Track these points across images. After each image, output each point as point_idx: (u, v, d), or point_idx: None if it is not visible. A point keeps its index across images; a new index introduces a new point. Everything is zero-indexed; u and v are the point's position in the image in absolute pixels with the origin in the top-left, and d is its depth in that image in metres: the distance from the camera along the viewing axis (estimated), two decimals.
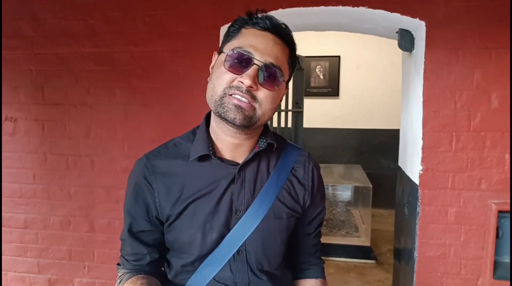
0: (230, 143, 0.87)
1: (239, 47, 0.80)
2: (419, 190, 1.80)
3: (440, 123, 1.77)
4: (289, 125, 2.60)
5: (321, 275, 1.03)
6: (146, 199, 0.87)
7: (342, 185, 4.08)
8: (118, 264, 0.93)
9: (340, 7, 1.79)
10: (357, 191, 4.05)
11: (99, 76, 2.05)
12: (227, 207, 0.86)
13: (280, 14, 1.84)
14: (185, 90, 1.98)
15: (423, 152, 1.79)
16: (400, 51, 2.14)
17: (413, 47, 1.90)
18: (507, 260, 1.80)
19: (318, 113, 5.05)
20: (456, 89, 1.75)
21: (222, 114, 0.80)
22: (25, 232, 2.21)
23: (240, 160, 0.88)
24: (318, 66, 5.11)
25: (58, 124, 2.12)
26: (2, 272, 2.26)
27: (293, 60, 0.88)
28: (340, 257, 3.68)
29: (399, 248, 2.21)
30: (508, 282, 1.74)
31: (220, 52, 0.86)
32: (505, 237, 1.79)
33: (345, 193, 4.09)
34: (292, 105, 2.62)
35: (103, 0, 2.01)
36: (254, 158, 0.89)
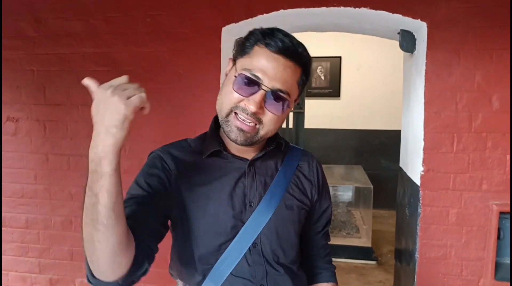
0: (239, 146, 0.90)
1: (249, 70, 0.81)
2: (420, 191, 1.80)
3: (442, 124, 1.77)
4: (290, 125, 2.60)
5: (332, 279, 1.05)
6: (160, 174, 0.87)
7: (343, 186, 4.08)
8: None
9: (342, 8, 1.79)
10: (358, 192, 4.05)
11: (100, 76, 2.02)
12: (240, 200, 0.89)
13: (281, 15, 1.84)
14: (186, 91, 1.98)
15: (424, 153, 1.79)
16: (401, 52, 2.14)
17: (415, 48, 1.90)
18: (508, 261, 1.80)
19: (319, 114, 5.05)
20: (457, 90, 1.75)
21: (226, 132, 0.86)
22: (26, 232, 2.21)
23: (249, 157, 0.92)
24: (319, 67, 5.12)
25: (60, 125, 2.12)
26: (4, 272, 2.27)
27: (304, 79, 0.88)
28: (341, 258, 3.68)
29: (400, 249, 2.21)
30: (509, 284, 1.74)
31: (234, 59, 0.88)
32: (506, 238, 1.78)
33: (346, 193, 4.09)
34: (293, 106, 2.62)
35: (104, 1, 2.01)
36: (263, 155, 0.93)
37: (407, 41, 1.89)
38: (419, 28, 1.81)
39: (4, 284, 2.27)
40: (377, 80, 5.02)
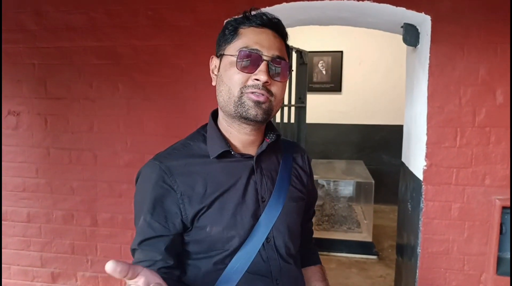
0: (243, 140, 0.91)
1: (245, 47, 0.83)
2: (423, 186, 1.80)
3: (445, 119, 1.76)
4: (292, 120, 2.59)
5: (319, 261, 1.12)
6: (166, 203, 0.84)
7: (344, 181, 4.07)
8: None
9: (345, 1, 1.78)
10: (359, 186, 4.05)
11: (101, 70, 2.04)
12: (254, 197, 0.89)
13: (284, 8, 1.82)
14: (188, 84, 1.97)
15: (427, 147, 1.78)
16: (403, 46, 2.13)
17: (418, 42, 1.89)
18: (510, 256, 1.80)
19: (320, 109, 5.04)
20: (461, 85, 1.74)
21: (244, 113, 0.84)
22: (28, 226, 2.22)
23: (252, 153, 0.92)
24: (321, 62, 5.10)
25: (61, 119, 2.11)
26: (6, 266, 2.27)
27: (288, 50, 0.93)
28: (342, 252, 3.68)
29: (402, 243, 2.20)
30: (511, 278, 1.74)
31: (219, 55, 0.89)
32: (508, 233, 1.78)
33: (347, 188, 4.09)
34: (295, 100, 2.61)
35: None
36: (265, 149, 0.93)
37: (410, 35, 1.88)
38: (423, 21, 1.80)
39: (6, 277, 2.27)
40: (379, 75, 5.00)
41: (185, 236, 0.86)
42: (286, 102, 2.45)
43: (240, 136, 0.90)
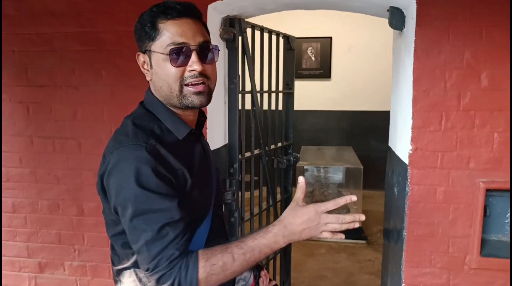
0: (190, 119, 1.01)
1: (172, 43, 0.89)
2: (408, 170, 1.81)
3: (430, 103, 1.76)
4: (280, 107, 2.58)
5: None
6: (167, 174, 0.87)
7: (333, 167, 4.10)
8: (156, 266, 0.82)
9: None
10: (348, 172, 4.07)
11: (84, 57, 2.00)
12: (213, 168, 1.07)
13: None
14: None
15: (412, 131, 1.78)
16: (391, 33, 2.12)
17: (404, 26, 1.88)
18: (494, 238, 1.83)
19: (309, 95, 5.04)
20: (446, 68, 1.73)
21: (189, 104, 0.92)
22: (13, 217, 2.19)
23: (193, 125, 1.03)
24: (310, 48, 5.07)
25: (44, 107, 2.07)
26: None
27: (206, 27, 0.98)
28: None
29: (389, 227, 2.23)
30: (495, 259, 1.77)
31: (144, 51, 0.94)
32: (493, 215, 1.80)
33: (336, 174, 4.11)
34: (283, 87, 2.60)
35: None
36: (202, 126, 1.09)
37: (396, 19, 1.87)
38: (409, 5, 1.78)
39: None
40: (368, 61, 5.00)
41: None
42: (273, 88, 2.43)
43: (187, 118, 0.99)
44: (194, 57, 0.89)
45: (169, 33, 0.89)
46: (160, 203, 0.83)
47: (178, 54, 0.89)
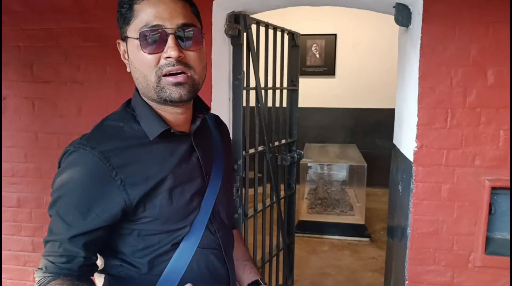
0: (177, 118, 0.87)
1: (145, 25, 0.77)
2: (413, 167, 1.80)
3: (436, 100, 1.75)
4: (284, 104, 2.57)
5: (236, 225, 1.21)
6: (105, 193, 0.77)
7: (337, 164, 4.09)
8: (39, 268, 0.82)
9: None
10: (352, 170, 4.07)
11: (89, 52, 2.00)
12: (200, 174, 0.89)
13: None
14: None
15: (418, 129, 1.78)
16: (397, 29, 2.10)
17: (410, 22, 1.87)
18: (499, 236, 1.82)
19: (313, 93, 5.02)
20: (452, 65, 1.72)
21: (167, 98, 0.79)
22: (18, 211, 2.20)
23: (186, 129, 0.90)
24: (314, 45, 5.05)
25: (49, 102, 2.08)
26: None
27: (196, 9, 0.85)
28: (335, 235, 3.72)
29: (393, 225, 2.22)
30: (499, 258, 1.76)
31: (123, 38, 0.83)
32: (498, 213, 1.80)
33: (340, 172, 4.11)
34: (287, 83, 2.59)
35: None
36: (197, 123, 0.92)
37: (402, 15, 1.86)
38: (415, 1, 1.77)
39: None
40: (373, 58, 4.98)
41: (131, 226, 0.82)
42: (278, 84, 2.43)
43: (173, 115, 0.86)
44: (170, 41, 0.76)
45: (143, 14, 0.77)
46: (60, 227, 0.78)
47: (151, 38, 0.76)
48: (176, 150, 0.85)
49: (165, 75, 0.78)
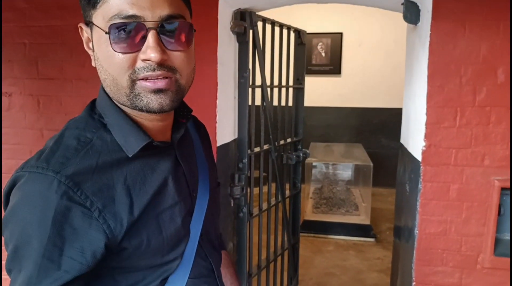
0: (156, 126, 0.70)
1: (117, 15, 0.58)
2: (421, 167, 1.77)
3: (444, 98, 1.72)
4: (290, 103, 2.55)
5: (225, 246, 0.99)
6: (79, 229, 0.59)
7: (342, 164, 4.07)
8: None
9: None
10: (357, 169, 4.04)
11: None
12: (187, 192, 0.74)
13: None
14: None
15: (426, 128, 1.75)
16: (404, 28, 2.08)
17: (419, 19, 1.84)
18: (508, 237, 1.79)
19: (319, 92, 5.00)
20: (461, 63, 1.69)
21: (144, 107, 0.62)
22: None
23: (167, 136, 0.74)
24: (320, 43, 5.03)
25: (54, 99, 2.08)
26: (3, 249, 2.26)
27: (188, 1, 0.67)
28: (340, 235, 3.70)
29: (400, 225, 2.20)
30: (508, 259, 1.73)
31: (88, 23, 0.65)
32: (507, 214, 1.77)
33: (345, 171, 4.09)
34: (293, 81, 2.57)
35: None
36: (181, 131, 0.75)
37: (411, 12, 1.83)
38: None
39: (2, 261, 2.27)
40: (379, 57, 4.94)
41: (110, 264, 0.64)
42: (284, 83, 2.41)
43: (152, 123, 0.69)
44: (151, 39, 0.58)
45: (116, 1, 0.58)
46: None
47: (124, 34, 0.58)
48: (159, 166, 0.69)
49: (141, 79, 0.61)
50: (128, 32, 0.58)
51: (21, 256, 0.58)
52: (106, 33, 0.59)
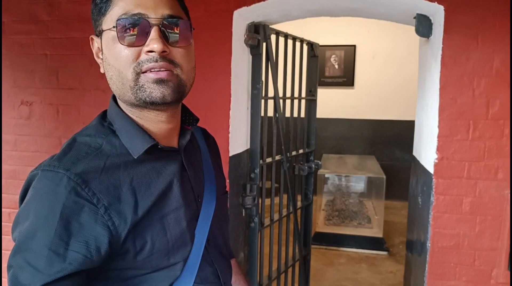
0: (162, 129, 0.74)
1: (124, 14, 0.65)
2: (434, 179, 1.77)
3: (457, 111, 1.72)
4: (302, 115, 2.57)
5: (233, 254, 1.00)
6: (86, 224, 0.62)
7: (355, 176, 4.05)
8: None
9: None
10: (370, 182, 4.01)
11: None
12: (192, 197, 0.77)
13: None
14: (197, 76, 1.96)
15: (438, 140, 1.75)
16: (417, 40, 2.09)
17: (431, 33, 1.85)
18: None
19: (332, 103, 5.01)
20: (474, 76, 1.70)
21: (147, 98, 0.67)
22: None
23: (174, 142, 0.78)
24: (333, 56, 5.05)
25: (73, 109, 2.14)
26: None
27: (184, 5, 0.76)
28: (352, 247, 3.66)
29: (412, 238, 2.18)
30: None
31: (98, 33, 0.71)
32: None
33: (358, 184, 4.06)
34: (306, 93, 2.59)
35: None
36: (187, 137, 0.79)
37: (423, 26, 1.84)
38: (436, 11, 1.76)
39: None
40: (392, 69, 4.94)
41: (111, 266, 0.66)
42: (296, 94, 2.43)
43: (157, 125, 0.73)
44: (153, 33, 0.65)
45: (123, 3, 0.66)
46: (28, 276, 0.59)
47: (131, 29, 0.65)
48: (164, 170, 0.72)
49: (144, 72, 0.66)
50: (133, 27, 0.65)
51: (28, 247, 0.61)
52: (113, 27, 0.66)
